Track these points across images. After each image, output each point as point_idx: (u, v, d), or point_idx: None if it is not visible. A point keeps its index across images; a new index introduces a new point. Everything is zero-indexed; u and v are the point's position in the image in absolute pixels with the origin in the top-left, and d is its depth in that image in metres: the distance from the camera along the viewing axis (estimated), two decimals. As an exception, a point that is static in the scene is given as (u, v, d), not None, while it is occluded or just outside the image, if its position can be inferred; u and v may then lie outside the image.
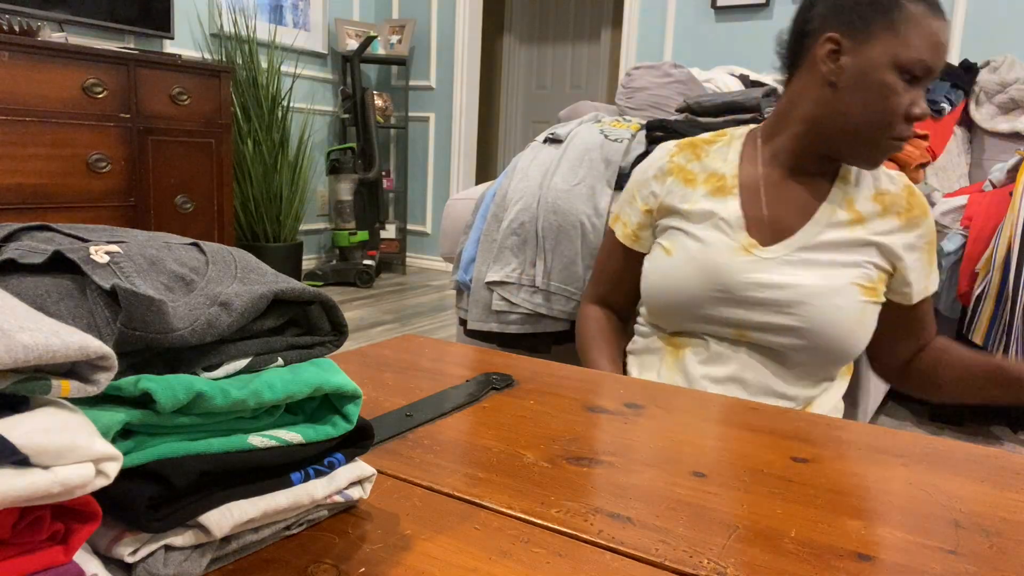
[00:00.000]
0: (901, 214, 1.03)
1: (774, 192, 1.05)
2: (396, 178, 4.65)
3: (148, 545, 0.35)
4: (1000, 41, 2.85)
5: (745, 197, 1.06)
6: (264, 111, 3.58)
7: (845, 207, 1.04)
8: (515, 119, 5.38)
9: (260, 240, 3.68)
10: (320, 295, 0.43)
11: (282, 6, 3.99)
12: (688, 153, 1.13)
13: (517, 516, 0.47)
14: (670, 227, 1.10)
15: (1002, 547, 0.46)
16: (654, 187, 1.13)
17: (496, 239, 1.80)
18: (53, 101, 2.43)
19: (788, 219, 1.04)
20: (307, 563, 0.41)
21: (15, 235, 0.41)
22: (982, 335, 1.94)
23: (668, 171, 1.12)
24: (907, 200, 1.04)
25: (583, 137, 1.86)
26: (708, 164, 1.11)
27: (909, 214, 1.03)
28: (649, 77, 3.05)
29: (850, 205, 1.04)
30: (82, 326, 0.35)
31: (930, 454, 0.62)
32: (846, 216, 1.03)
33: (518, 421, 0.64)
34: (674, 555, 0.43)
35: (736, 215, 1.05)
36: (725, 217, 1.05)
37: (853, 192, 1.04)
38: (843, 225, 1.03)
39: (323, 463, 0.43)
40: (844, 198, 1.04)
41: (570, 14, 5.04)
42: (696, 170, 1.11)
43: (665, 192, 1.11)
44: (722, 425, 0.66)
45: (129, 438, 0.35)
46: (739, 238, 1.04)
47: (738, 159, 1.09)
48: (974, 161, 2.69)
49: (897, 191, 1.04)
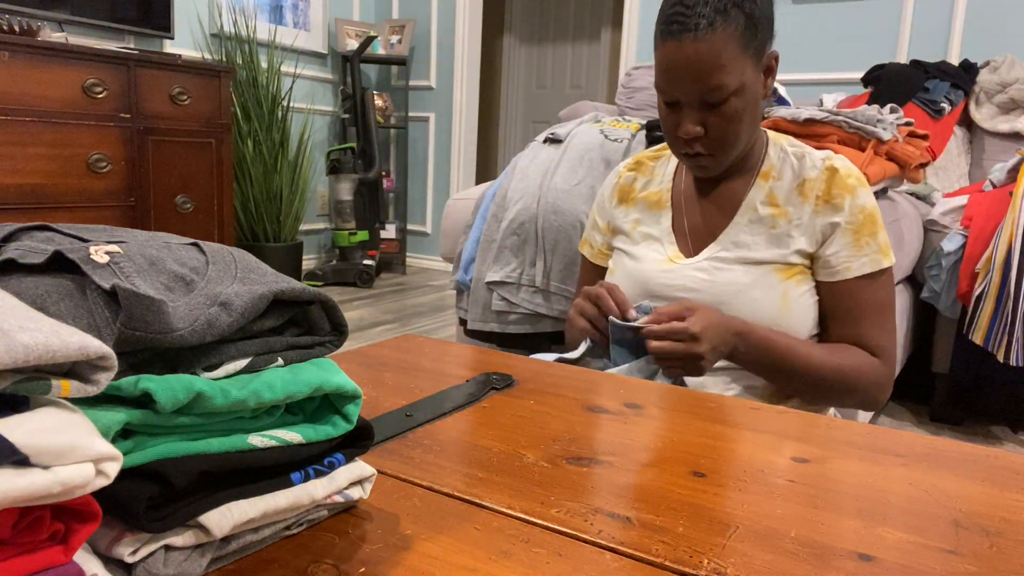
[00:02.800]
0: (820, 197, 1.03)
1: (699, 202, 1.10)
2: (396, 178, 4.65)
3: (148, 545, 0.35)
4: (1000, 41, 2.85)
5: (675, 211, 1.11)
6: (264, 111, 3.58)
7: (767, 202, 1.05)
8: (515, 119, 5.38)
9: (260, 240, 3.67)
10: (320, 295, 0.43)
11: (282, 6, 3.99)
12: (635, 172, 1.19)
13: (517, 516, 0.47)
14: (616, 247, 1.17)
15: (1002, 547, 0.46)
16: (607, 207, 1.20)
17: (496, 239, 1.80)
18: (53, 101, 2.43)
19: (711, 226, 1.08)
20: (307, 563, 0.41)
21: (15, 235, 0.41)
22: (982, 336, 1.94)
23: (612, 193, 1.20)
24: (826, 182, 1.03)
25: (583, 137, 1.86)
26: (648, 181, 1.17)
27: (827, 196, 1.02)
28: (649, 77, 3.04)
29: (771, 199, 1.05)
30: (82, 326, 0.35)
31: (930, 454, 0.62)
32: (768, 211, 1.04)
33: (518, 421, 0.65)
34: (674, 555, 0.43)
35: (666, 230, 1.10)
36: (656, 234, 1.11)
37: (775, 185, 1.05)
38: (764, 220, 1.04)
39: (323, 463, 0.43)
40: (766, 194, 1.05)
41: (570, 14, 5.04)
42: (637, 187, 1.17)
43: (614, 212, 1.19)
44: (722, 425, 0.66)
45: (129, 438, 0.35)
46: (668, 251, 1.09)
47: (672, 174, 1.15)
48: (974, 161, 2.69)
49: (815, 177, 1.04)
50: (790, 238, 1.02)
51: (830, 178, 1.03)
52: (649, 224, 1.13)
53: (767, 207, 1.04)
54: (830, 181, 1.03)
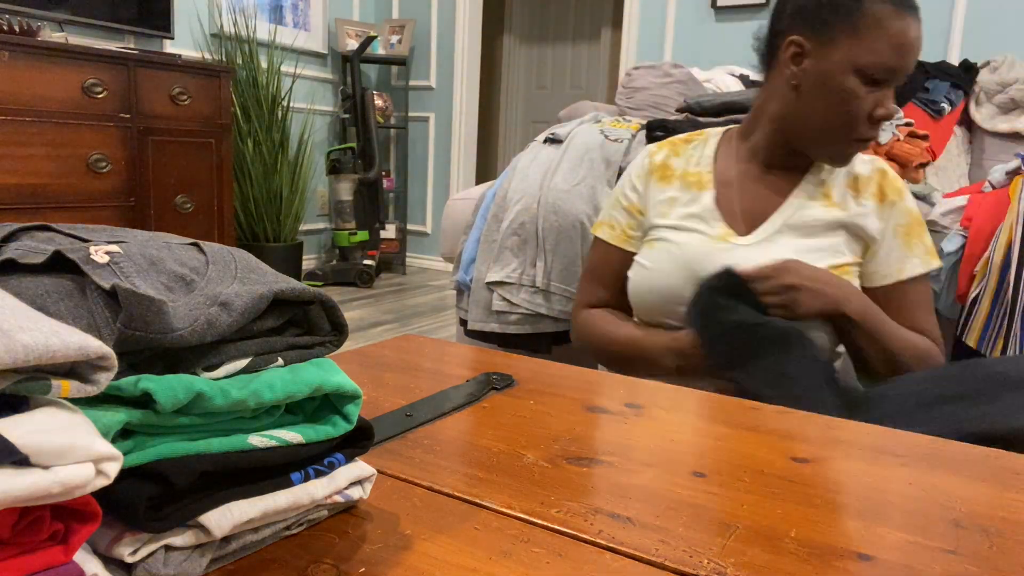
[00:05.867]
0: (874, 196, 1.04)
1: (750, 186, 1.08)
2: (396, 178, 4.64)
3: (148, 545, 0.35)
4: (1000, 41, 2.85)
5: (720, 191, 1.09)
6: (264, 111, 3.58)
7: (819, 193, 1.05)
8: (515, 119, 5.38)
9: (260, 240, 3.67)
10: (320, 295, 0.43)
11: (282, 6, 3.99)
12: (668, 150, 1.16)
13: (517, 516, 0.47)
14: (652, 227, 1.13)
15: (1002, 547, 0.46)
16: (639, 187, 1.16)
17: (496, 239, 1.80)
18: (53, 101, 2.43)
19: (762, 208, 1.07)
20: (307, 563, 0.41)
21: (15, 235, 0.41)
22: (976, 338, 1.95)
23: (650, 171, 1.16)
24: (879, 183, 1.04)
25: (583, 137, 1.86)
26: (685, 161, 1.14)
27: (881, 197, 1.04)
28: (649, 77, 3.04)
29: (824, 191, 1.05)
30: (82, 326, 0.34)
31: (930, 454, 0.62)
32: (820, 201, 1.05)
33: (518, 421, 0.64)
34: (674, 555, 0.43)
35: (710, 208, 1.08)
36: (699, 213, 1.08)
37: (827, 178, 1.06)
38: (816, 209, 1.04)
39: (323, 463, 0.43)
40: (818, 185, 1.06)
41: (570, 14, 5.04)
42: (675, 165, 1.14)
43: (647, 192, 1.15)
44: (722, 425, 0.66)
45: (129, 438, 0.35)
46: (715, 229, 1.06)
47: (713, 155, 1.13)
48: (974, 161, 2.69)
49: (869, 175, 1.05)
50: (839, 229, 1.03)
51: (882, 179, 1.05)
52: (687, 204, 1.10)
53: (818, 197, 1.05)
54: (882, 182, 1.04)
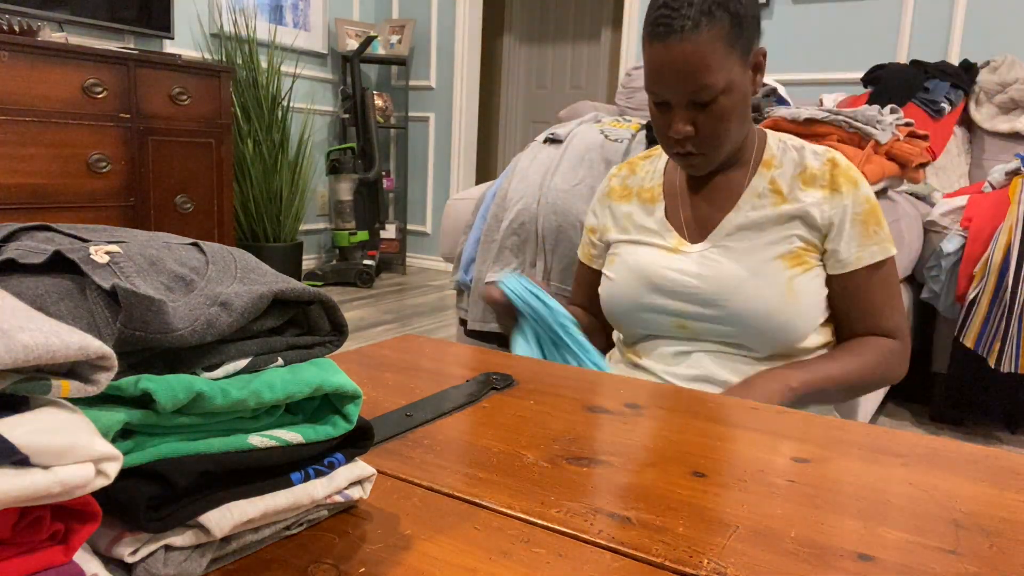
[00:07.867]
0: (824, 186, 1.04)
1: (696, 192, 1.10)
2: (396, 178, 4.64)
3: (148, 545, 0.35)
4: (1000, 41, 2.85)
5: (669, 203, 1.12)
6: (264, 111, 3.58)
7: (768, 191, 1.06)
8: (515, 119, 5.38)
9: (260, 240, 3.67)
10: (320, 295, 0.43)
11: (282, 6, 3.99)
12: (627, 170, 1.21)
13: (517, 516, 0.47)
14: (615, 242, 1.17)
15: (1002, 547, 0.46)
16: (597, 211, 1.22)
17: (496, 239, 1.80)
18: (53, 101, 2.43)
19: (712, 213, 1.08)
20: (307, 563, 0.41)
21: (15, 235, 0.41)
22: (973, 339, 1.95)
23: (607, 194, 1.21)
24: (829, 173, 1.04)
25: (583, 137, 1.86)
26: (641, 178, 1.18)
27: (832, 186, 1.03)
28: (649, 77, 3.04)
29: (773, 188, 1.06)
30: (82, 326, 0.34)
31: (930, 454, 0.62)
32: (769, 199, 1.05)
33: (518, 421, 0.64)
34: (674, 555, 0.43)
35: (661, 220, 1.11)
36: (652, 226, 1.12)
37: (776, 175, 1.06)
38: (766, 205, 1.05)
39: (323, 463, 0.43)
40: (767, 181, 1.06)
41: (570, 14, 5.04)
42: (631, 184, 1.19)
43: (605, 214, 1.20)
44: (722, 425, 0.66)
45: (129, 438, 0.35)
46: (668, 241, 1.10)
47: (663, 169, 1.16)
48: (974, 161, 2.69)
49: (819, 166, 1.05)
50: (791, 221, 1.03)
51: (832, 169, 1.04)
52: (643, 217, 1.14)
53: (768, 193, 1.05)
54: (833, 172, 1.04)
